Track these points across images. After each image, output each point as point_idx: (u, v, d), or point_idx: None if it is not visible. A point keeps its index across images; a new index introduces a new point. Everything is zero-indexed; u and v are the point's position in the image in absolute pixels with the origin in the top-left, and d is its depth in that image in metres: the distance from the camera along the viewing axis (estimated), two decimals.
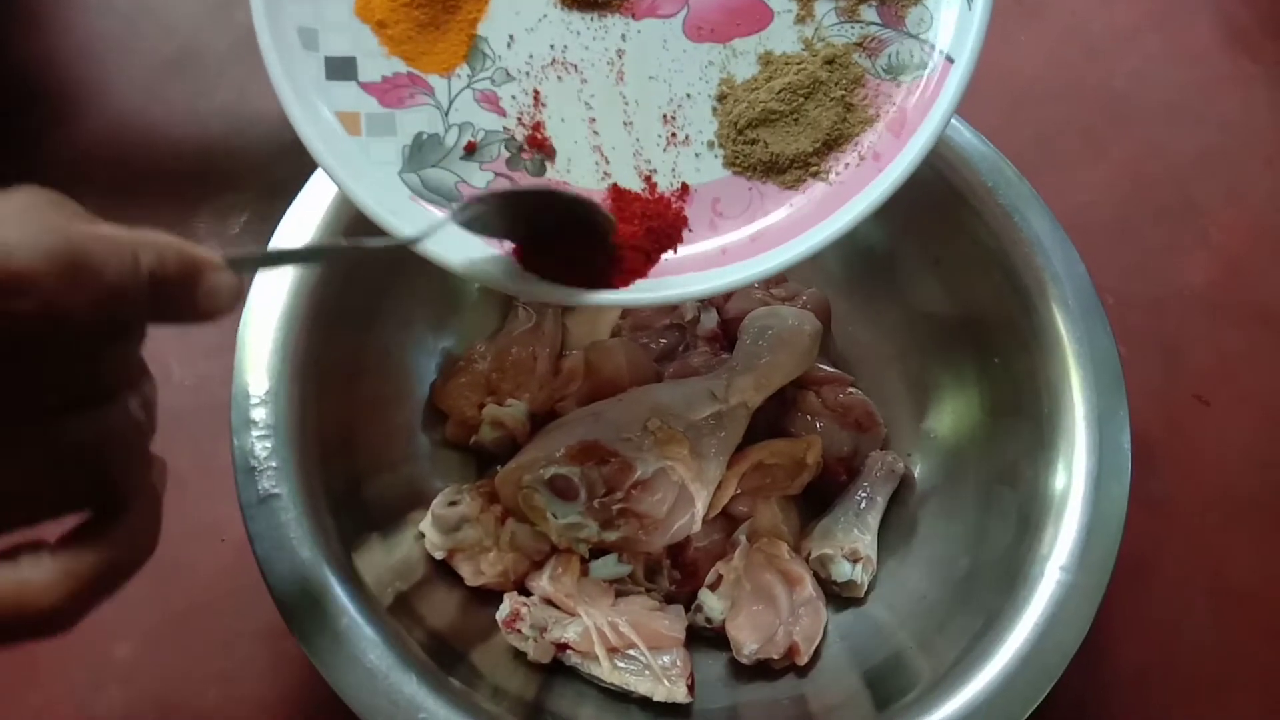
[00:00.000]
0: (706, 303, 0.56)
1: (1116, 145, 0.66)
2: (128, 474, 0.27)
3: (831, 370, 0.55)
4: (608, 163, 0.39)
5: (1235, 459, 0.57)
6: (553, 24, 0.39)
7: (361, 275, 0.47)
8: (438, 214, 0.38)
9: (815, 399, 0.54)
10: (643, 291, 0.38)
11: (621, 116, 0.39)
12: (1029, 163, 0.53)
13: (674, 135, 0.39)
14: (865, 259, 0.55)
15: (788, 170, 0.39)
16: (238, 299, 0.28)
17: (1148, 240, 0.63)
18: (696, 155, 0.39)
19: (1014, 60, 0.69)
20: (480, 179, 0.38)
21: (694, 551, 0.50)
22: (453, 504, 0.48)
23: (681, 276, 0.38)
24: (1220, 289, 0.62)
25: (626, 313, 0.56)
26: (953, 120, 0.50)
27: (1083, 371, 0.46)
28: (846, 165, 0.39)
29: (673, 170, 0.39)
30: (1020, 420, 0.48)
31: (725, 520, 0.51)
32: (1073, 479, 0.45)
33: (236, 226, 0.59)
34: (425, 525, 0.48)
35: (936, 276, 0.53)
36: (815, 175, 0.39)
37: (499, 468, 0.50)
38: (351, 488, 0.46)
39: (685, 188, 0.39)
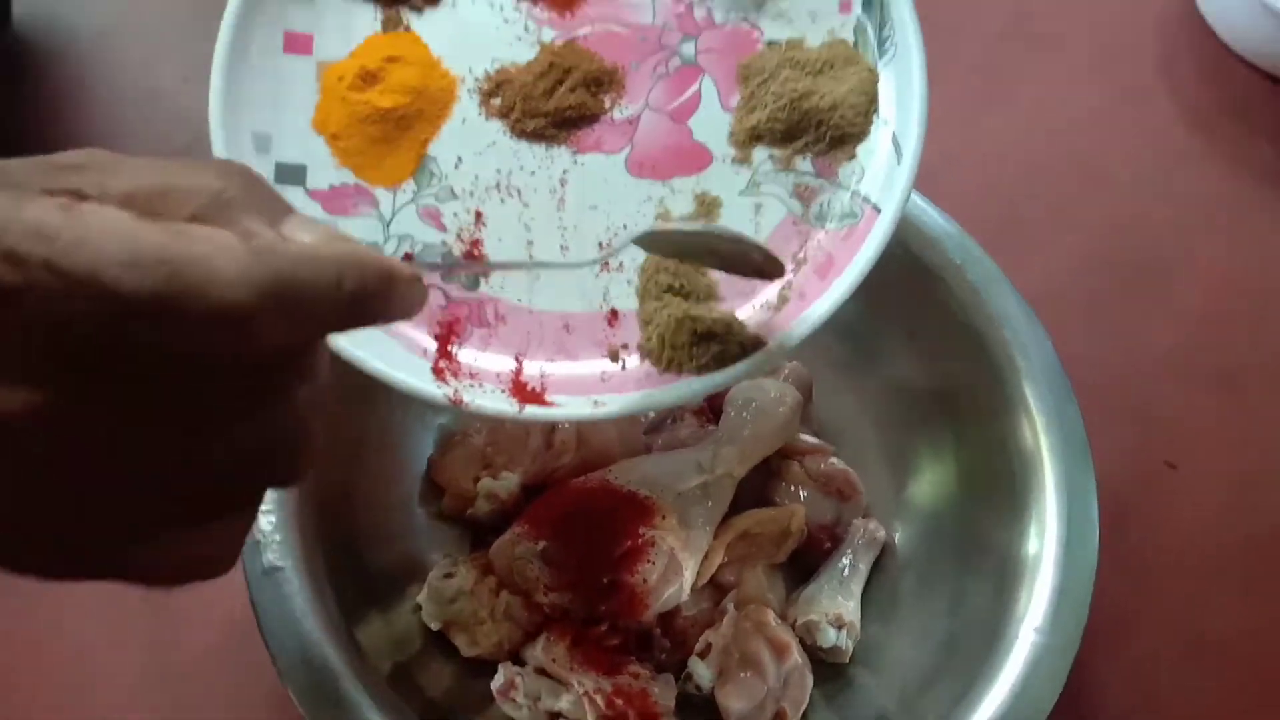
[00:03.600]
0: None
1: (1083, 219, 0.69)
2: (292, 474, 0.27)
3: (814, 441, 0.57)
4: (540, 281, 0.41)
5: (1206, 520, 0.59)
6: (501, 150, 0.42)
7: None
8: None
9: (799, 469, 0.56)
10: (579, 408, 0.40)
11: (559, 240, 0.41)
12: (1001, 237, 0.56)
13: (607, 263, 0.41)
14: (844, 333, 0.58)
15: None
16: (423, 307, 0.28)
17: (1115, 309, 0.66)
18: (628, 282, 0.41)
19: (984, 142, 0.73)
20: None
21: (683, 620, 0.52)
22: (448, 576, 0.50)
23: (616, 396, 0.40)
24: (1186, 356, 0.64)
25: None
26: (922, 203, 0.54)
27: (1051, 440, 0.48)
28: (768, 302, 0.41)
29: (604, 295, 0.41)
30: (994, 488, 0.50)
31: (713, 589, 0.53)
32: (1044, 544, 0.47)
33: None
34: (422, 597, 0.50)
35: (912, 350, 0.55)
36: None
37: (493, 540, 0.51)
38: (351, 561, 0.48)
39: (615, 312, 0.41)
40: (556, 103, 0.42)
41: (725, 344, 0.39)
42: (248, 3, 0.41)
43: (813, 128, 0.42)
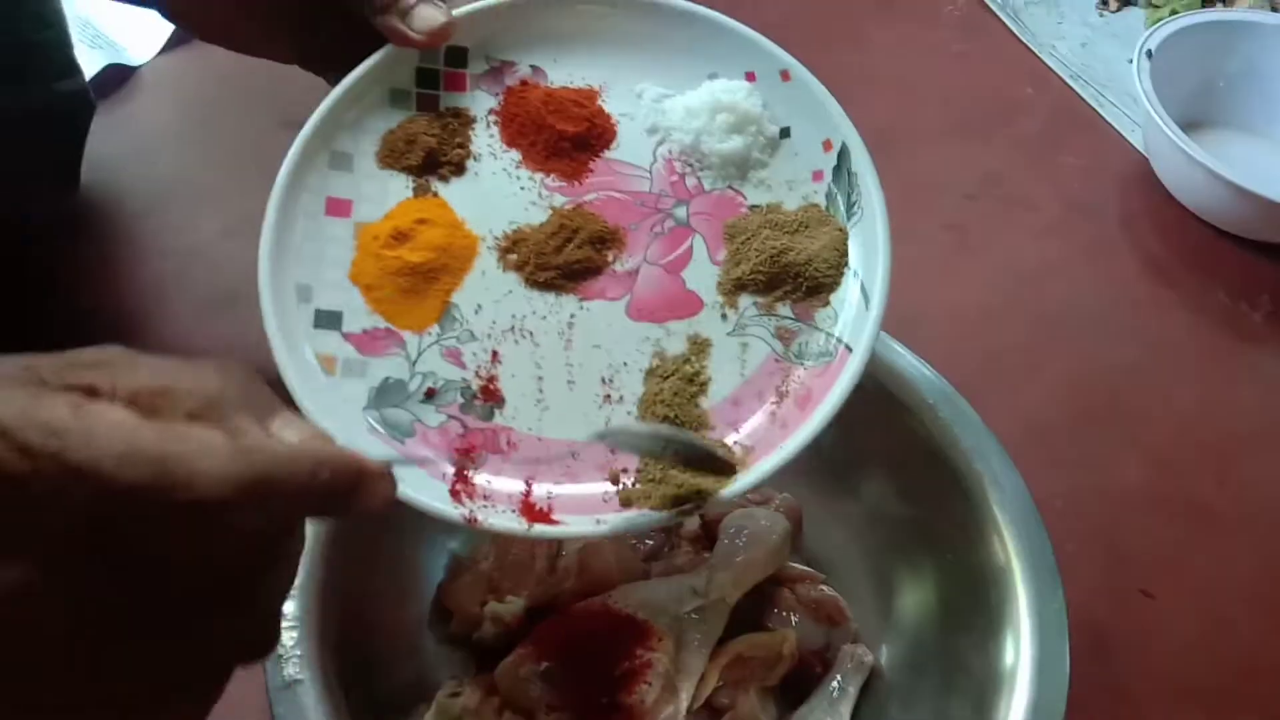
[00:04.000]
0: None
1: (1053, 361, 0.74)
2: (268, 644, 0.30)
3: (804, 568, 0.60)
4: (549, 412, 0.46)
5: (1181, 647, 0.61)
6: (516, 299, 0.47)
7: None
8: (386, 445, 0.43)
9: (790, 595, 0.59)
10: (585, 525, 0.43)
11: (566, 376, 0.46)
12: (976, 379, 0.60)
13: (609, 396, 0.46)
14: (830, 466, 0.61)
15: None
16: (393, 503, 0.31)
17: (1087, 445, 0.70)
18: (628, 413, 0.46)
19: (958, 291, 0.78)
20: (435, 419, 0.45)
21: None
22: (454, 695, 0.52)
23: (616, 515, 0.44)
24: (1156, 489, 0.68)
25: None
26: (899, 348, 0.59)
27: (1021, 564, 0.52)
28: (759, 428, 0.46)
29: (605, 424, 0.45)
30: (972, 611, 0.53)
31: (708, 711, 0.54)
32: (1020, 662, 0.49)
33: None
34: (430, 715, 0.52)
35: (892, 482, 0.59)
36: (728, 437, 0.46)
37: (499, 662, 0.54)
38: (365, 678, 0.51)
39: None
40: (565, 258, 0.48)
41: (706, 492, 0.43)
42: (296, 173, 0.47)
43: (791, 279, 0.47)
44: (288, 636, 0.47)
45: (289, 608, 0.48)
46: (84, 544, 0.24)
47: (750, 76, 0.51)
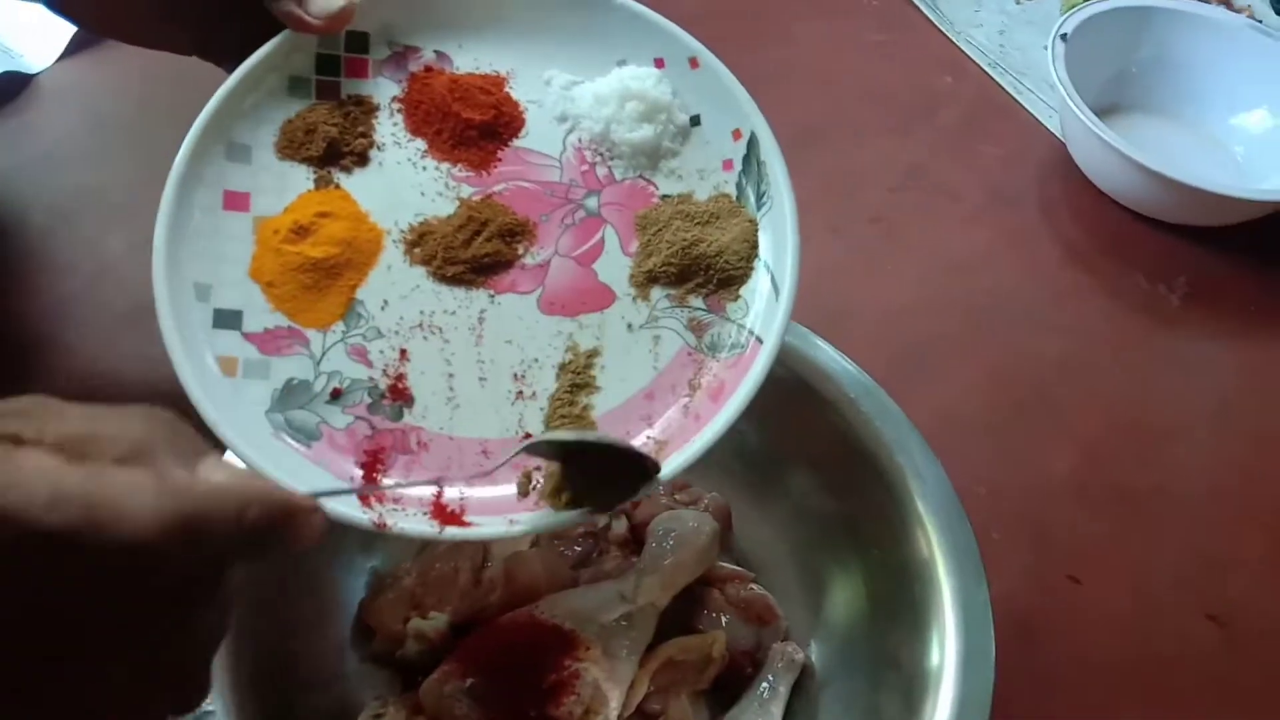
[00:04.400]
0: (617, 511, 0.61)
1: (979, 353, 0.75)
2: (188, 698, 0.29)
3: (733, 568, 0.60)
4: (460, 411, 0.44)
5: (1109, 632, 0.62)
6: (424, 293, 0.46)
7: None
8: (291, 449, 0.42)
9: (719, 595, 0.58)
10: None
11: (477, 373, 0.45)
12: (902, 371, 0.60)
13: (521, 392, 0.45)
14: (756, 463, 0.61)
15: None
16: (324, 536, 0.31)
17: (1013, 435, 0.71)
18: (540, 409, 0.45)
19: (884, 283, 0.78)
20: (341, 421, 0.43)
21: None
22: (378, 716, 0.51)
23: (530, 514, 0.42)
24: (1082, 476, 0.69)
25: None
26: (820, 343, 0.58)
27: (946, 558, 0.52)
28: (672, 421, 0.45)
29: (519, 421, 0.45)
30: (899, 606, 0.53)
31: (639, 718, 0.54)
32: (945, 657, 0.49)
33: None
34: None
35: (816, 478, 0.59)
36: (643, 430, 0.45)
37: (423, 680, 0.53)
38: (283, 704, 0.49)
39: (528, 435, 0.44)
40: (474, 251, 0.47)
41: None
42: (191, 165, 0.45)
43: (702, 271, 0.47)
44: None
45: None
46: (12, 588, 0.24)
47: (659, 63, 0.51)
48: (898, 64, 0.95)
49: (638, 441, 0.45)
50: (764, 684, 0.55)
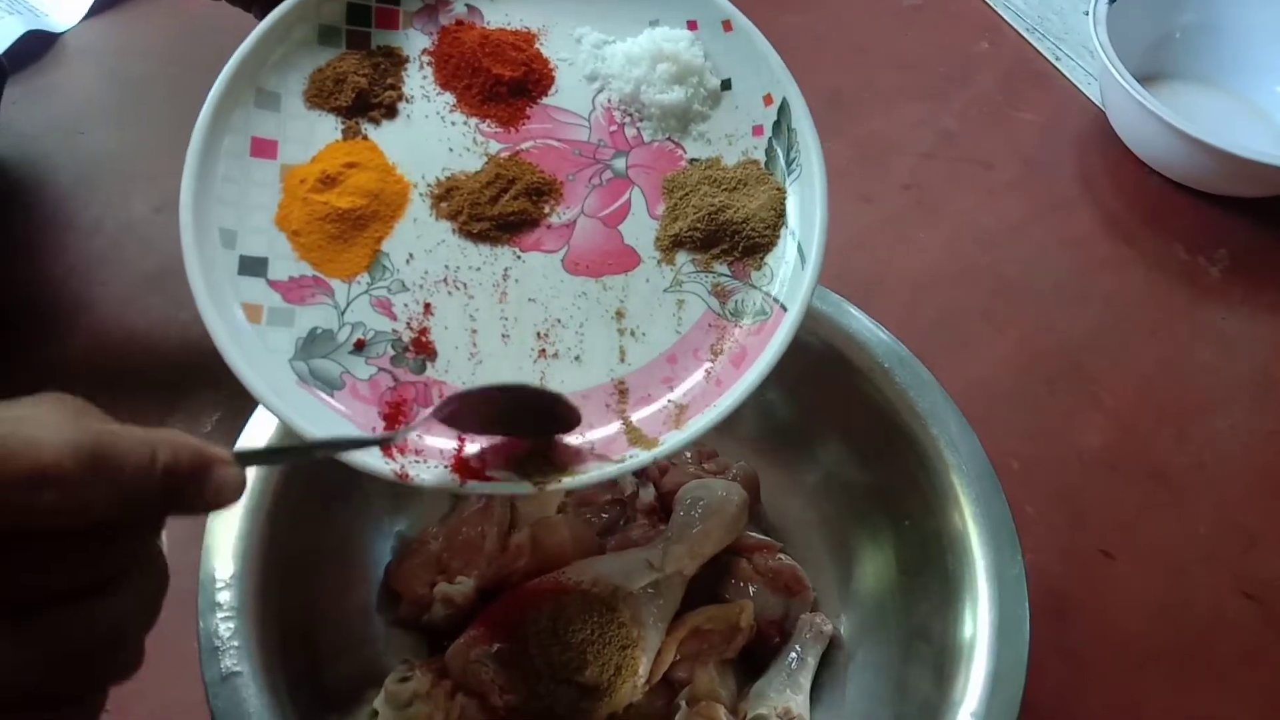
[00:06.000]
0: (644, 478, 0.61)
1: (1012, 324, 0.74)
2: (119, 668, 0.29)
3: (761, 538, 0.59)
4: (482, 366, 0.44)
5: (1141, 608, 0.61)
6: (449, 248, 0.45)
7: (323, 468, 0.52)
8: (314, 398, 0.41)
9: (747, 565, 0.58)
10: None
11: (500, 329, 0.44)
12: (934, 342, 0.59)
13: (544, 351, 0.44)
14: (786, 433, 0.60)
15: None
16: (242, 492, 0.30)
17: (1046, 408, 0.69)
18: (562, 369, 0.44)
19: (915, 254, 0.77)
20: (364, 371, 0.43)
21: (637, 717, 0.53)
22: (404, 680, 0.51)
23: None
24: (1115, 450, 0.68)
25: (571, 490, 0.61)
26: (854, 311, 0.57)
27: (980, 530, 0.51)
28: (694, 386, 0.44)
29: (541, 379, 0.44)
30: (930, 578, 0.52)
31: (666, 686, 0.54)
32: (979, 630, 0.49)
33: (209, 425, 0.64)
34: (379, 702, 0.51)
35: (848, 449, 0.58)
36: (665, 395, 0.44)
37: (450, 644, 0.52)
38: (310, 668, 0.49)
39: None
40: (501, 209, 0.46)
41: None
42: (218, 111, 0.44)
43: (728, 237, 0.46)
44: (225, 628, 0.45)
45: (226, 597, 0.46)
46: None
47: (692, 25, 0.50)
48: (933, 28, 0.93)
49: (658, 405, 0.44)
50: (792, 654, 0.55)
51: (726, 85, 0.49)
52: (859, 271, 0.75)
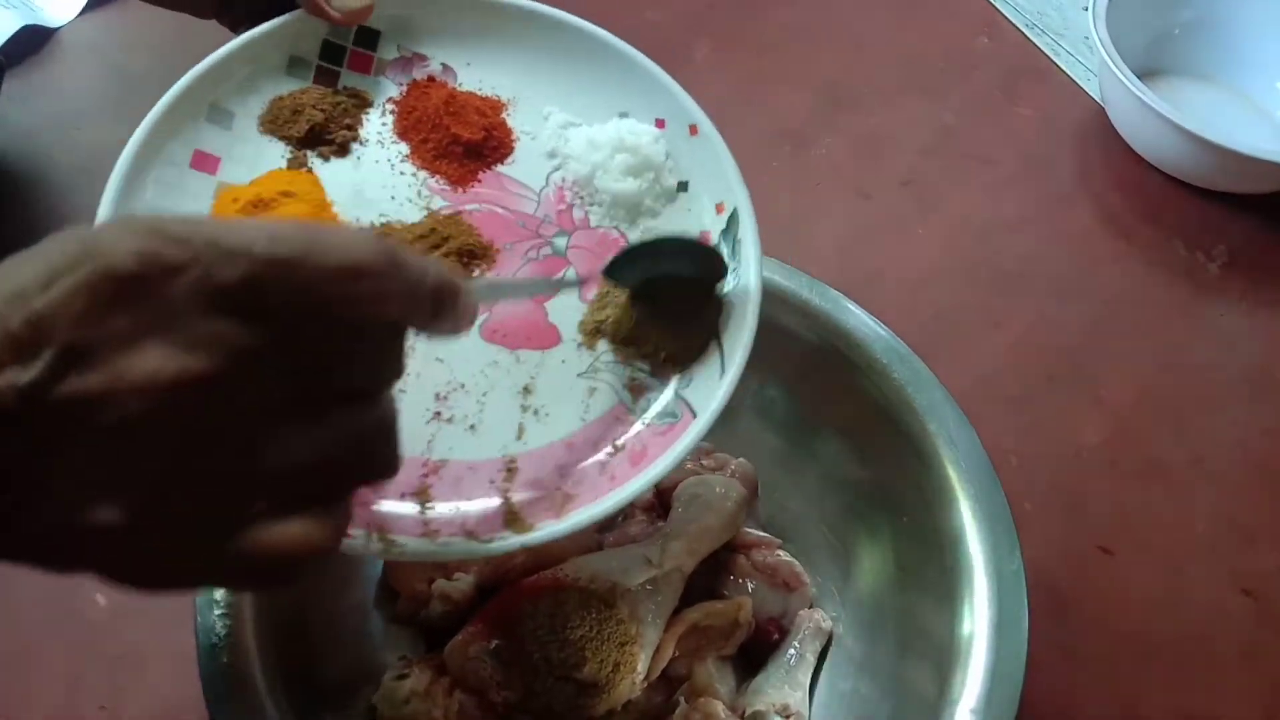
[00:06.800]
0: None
1: (1010, 320, 0.73)
2: (386, 464, 0.31)
3: (760, 534, 0.59)
4: None
5: (1139, 604, 0.61)
6: None
7: None
8: None
9: (745, 561, 0.58)
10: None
11: (399, 384, 0.43)
12: (932, 338, 0.59)
13: (439, 413, 0.43)
14: (783, 428, 0.60)
15: None
16: (475, 322, 0.34)
17: (1044, 404, 0.69)
18: (454, 436, 0.43)
19: (913, 250, 0.77)
20: None
21: (635, 714, 0.53)
22: (402, 677, 0.51)
23: (408, 539, 0.40)
24: (1114, 446, 0.68)
25: None
26: (852, 307, 0.57)
27: (978, 526, 0.51)
28: (585, 477, 0.43)
29: (429, 442, 0.43)
30: (929, 574, 0.52)
31: (664, 682, 0.54)
32: (977, 627, 0.48)
33: None
34: (376, 699, 0.51)
35: (847, 445, 0.58)
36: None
37: (448, 641, 0.52)
38: (307, 665, 0.49)
39: (437, 462, 0.42)
40: None
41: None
42: (167, 117, 0.43)
43: (652, 344, 0.46)
44: (221, 625, 0.45)
45: (223, 594, 0.46)
46: (241, 322, 0.26)
47: (660, 123, 0.49)
48: (931, 23, 0.93)
49: (544, 490, 0.43)
50: (791, 651, 0.55)
51: (683, 187, 0.49)
52: (857, 267, 0.75)
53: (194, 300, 0.25)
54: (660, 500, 0.60)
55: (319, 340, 0.27)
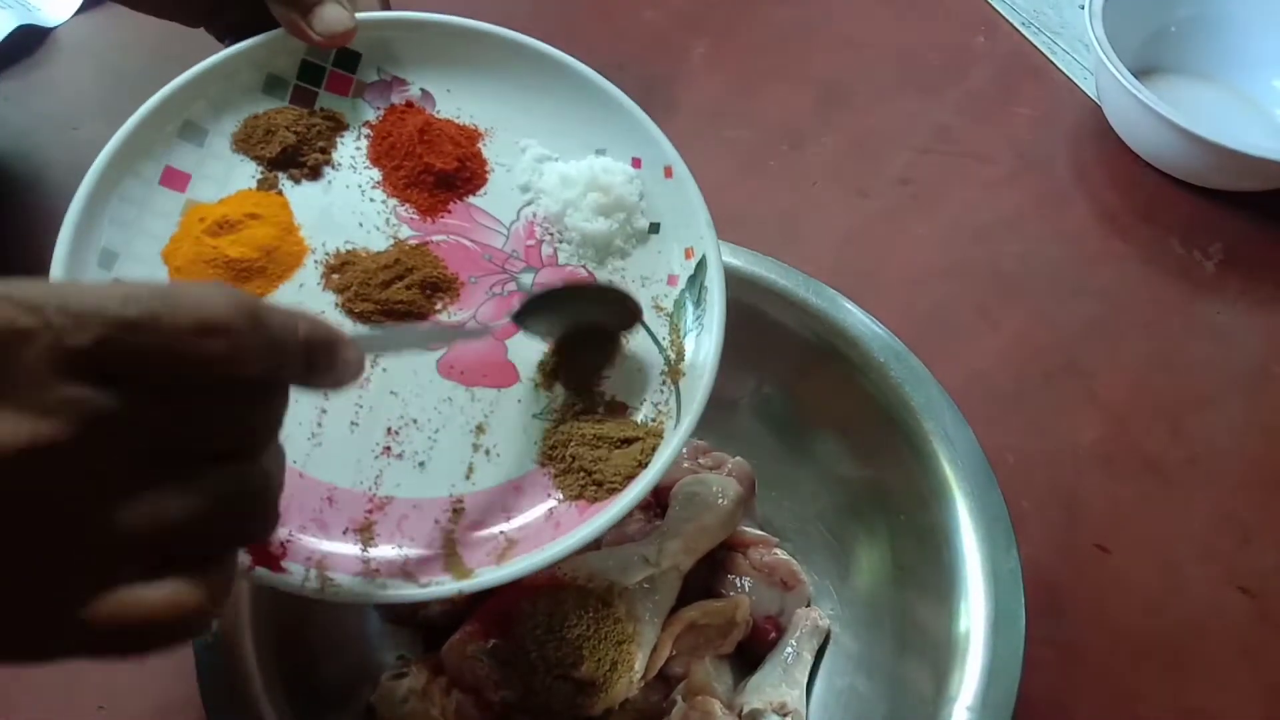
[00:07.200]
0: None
1: (1007, 318, 0.73)
2: (263, 526, 0.30)
3: (757, 532, 0.59)
4: (320, 450, 0.43)
5: (1136, 602, 0.61)
6: (327, 321, 0.44)
7: None
8: None
9: (743, 560, 0.58)
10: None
11: (351, 416, 0.43)
12: (929, 336, 0.59)
13: (389, 448, 0.43)
14: (780, 427, 0.60)
15: None
16: (361, 374, 0.33)
17: (1041, 402, 0.69)
18: (403, 472, 0.43)
19: (910, 248, 0.77)
20: None
21: (633, 712, 0.53)
22: (400, 676, 0.51)
23: (345, 576, 0.41)
24: (1111, 445, 0.68)
25: None
26: (849, 305, 0.57)
27: (975, 525, 0.51)
28: (531, 522, 0.43)
29: (376, 477, 0.43)
30: (926, 572, 0.52)
31: (662, 681, 0.54)
32: (973, 624, 0.49)
33: None
34: (374, 698, 0.51)
35: (844, 444, 0.58)
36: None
37: (445, 641, 0.52)
38: (305, 664, 0.49)
39: (384, 498, 0.43)
40: (390, 295, 0.45)
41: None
42: (139, 132, 0.43)
43: (604, 405, 0.46)
44: (218, 624, 0.45)
45: None
46: (92, 385, 0.25)
47: (636, 163, 0.49)
48: (927, 22, 0.93)
49: (488, 532, 0.43)
50: (788, 649, 0.55)
51: (655, 229, 0.49)
52: (854, 265, 0.75)
53: (46, 366, 0.25)
54: (657, 499, 0.60)
55: (178, 401, 0.27)
